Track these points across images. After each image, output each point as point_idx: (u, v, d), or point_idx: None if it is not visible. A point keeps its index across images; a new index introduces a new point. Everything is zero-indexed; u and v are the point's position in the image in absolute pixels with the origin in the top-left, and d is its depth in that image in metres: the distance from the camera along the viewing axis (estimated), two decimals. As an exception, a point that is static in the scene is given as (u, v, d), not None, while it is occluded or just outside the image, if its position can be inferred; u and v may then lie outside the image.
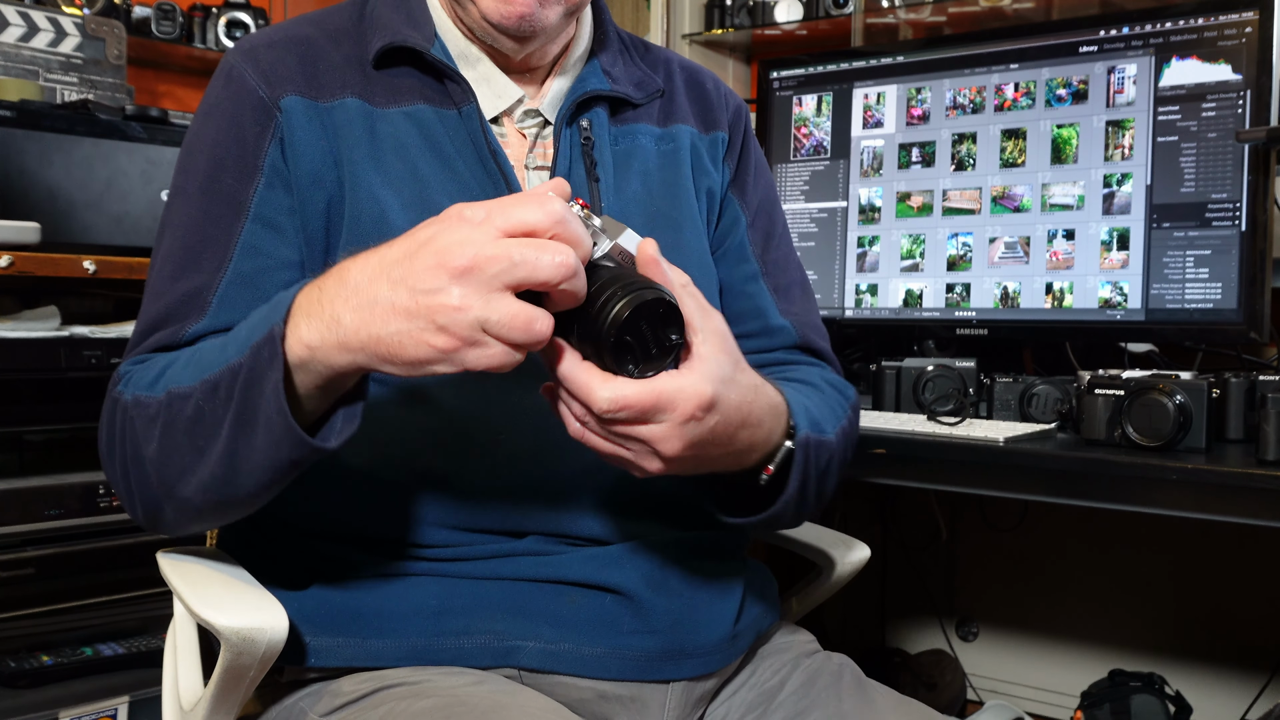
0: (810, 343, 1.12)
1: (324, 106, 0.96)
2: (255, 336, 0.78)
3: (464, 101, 0.99)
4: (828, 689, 0.99)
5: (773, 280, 1.12)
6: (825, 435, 0.96)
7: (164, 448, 0.85)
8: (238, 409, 0.79)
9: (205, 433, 0.82)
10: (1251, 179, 1.50)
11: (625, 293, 0.74)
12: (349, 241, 0.94)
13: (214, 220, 0.94)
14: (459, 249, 0.70)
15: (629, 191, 1.04)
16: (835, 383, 1.09)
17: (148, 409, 0.86)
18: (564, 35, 1.05)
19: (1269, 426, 1.22)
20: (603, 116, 1.05)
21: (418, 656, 0.92)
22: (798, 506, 0.95)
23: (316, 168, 0.95)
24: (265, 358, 0.76)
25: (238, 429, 0.79)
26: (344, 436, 0.80)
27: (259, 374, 0.77)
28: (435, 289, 0.70)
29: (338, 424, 0.81)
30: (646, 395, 0.76)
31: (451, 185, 0.97)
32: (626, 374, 0.76)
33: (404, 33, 0.99)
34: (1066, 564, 2.22)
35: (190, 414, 0.82)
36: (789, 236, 1.18)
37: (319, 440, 0.79)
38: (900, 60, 1.81)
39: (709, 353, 0.80)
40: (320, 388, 0.79)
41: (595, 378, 0.76)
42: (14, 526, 1.60)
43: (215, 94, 0.99)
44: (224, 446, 0.81)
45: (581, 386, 0.76)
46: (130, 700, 1.64)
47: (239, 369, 0.78)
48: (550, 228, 0.72)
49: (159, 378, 0.87)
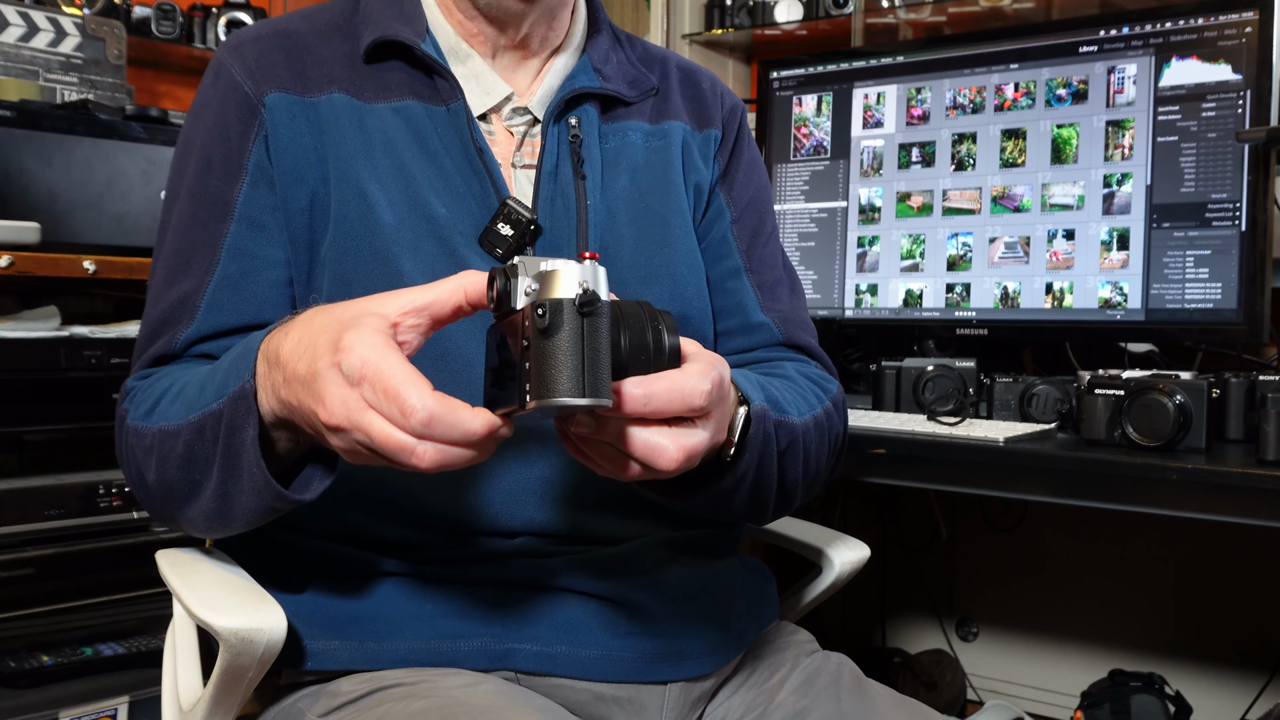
0: (796, 340, 1.10)
1: (310, 102, 0.97)
2: (229, 386, 0.80)
3: (452, 98, 0.99)
4: (827, 689, 0.99)
5: (757, 277, 1.10)
6: (787, 416, 0.93)
7: (162, 479, 0.88)
8: (223, 452, 0.81)
9: (198, 469, 0.84)
10: (1251, 179, 1.50)
11: (646, 319, 0.74)
12: (336, 239, 0.94)
13: (202, 223, 0.96)
14: (334, 408, 0.71)
15: (616, 188, 1.03)
16: (813, 376, 1.07)
17: (144, 439, 0.89)
18: (560, 21, 1.05)
19: (1269, 426, 1.22)
20: (592, 114, 1.04)
21: (415, 659, 0.92)
22: (754, 489, 0.91)
23: (300, 164, 0.95)
24: (241, 411, 0.79)
25: (226, 471, 0.82)
26: (320, 489, 0.83)
27: (238, 425, 0.79)
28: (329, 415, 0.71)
29: (315, 479, 0.83)
30: (713, 372, 0.76)
31: (438, 182, 0.97)
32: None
33: (395, 27, 0.99)
34: (1066, 564, 2.22)
35: (181, 452, 0.85)
36: (778, 238, 1.16)
37: (294, 492, 0.81)
38: (900, 60, 1.81)
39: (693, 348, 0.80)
40: (293, 440, 0.81)
41: (680, 379, 0.74)
42: (14, 526, 1.60)
43: (205, 91, 1.00)
44: (216, 486, 0.83)
45: (679, 392, 0.73)
46: (130, 700, 1.64)
47: (220, 415, 0.80)
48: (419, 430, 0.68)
49: (153, 408, 0.90)
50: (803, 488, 0.98)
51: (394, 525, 0.95)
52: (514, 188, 1.00)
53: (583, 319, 0.67)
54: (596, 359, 0.68)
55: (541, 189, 1.00)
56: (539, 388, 0.67)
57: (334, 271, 0.94)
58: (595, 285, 0.68)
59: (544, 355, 0.67)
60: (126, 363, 1.68)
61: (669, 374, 0.73)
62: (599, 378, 0.68)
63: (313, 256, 0.95)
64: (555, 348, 0.67)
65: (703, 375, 0.74)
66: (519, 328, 0.69)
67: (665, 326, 0.75)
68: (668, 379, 0.73)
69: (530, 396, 0.68)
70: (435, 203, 0.96)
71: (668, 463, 0.73)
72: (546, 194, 1.00)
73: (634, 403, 0.71)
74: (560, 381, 0.67)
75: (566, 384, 0.67)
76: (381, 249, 0.94)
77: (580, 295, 0.67)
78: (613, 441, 0.73)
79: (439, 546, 0.95)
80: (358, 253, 0.94)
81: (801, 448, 0.95)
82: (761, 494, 0.93)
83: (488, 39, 1.02)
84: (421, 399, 0.67)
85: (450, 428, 0.68)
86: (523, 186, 1.01)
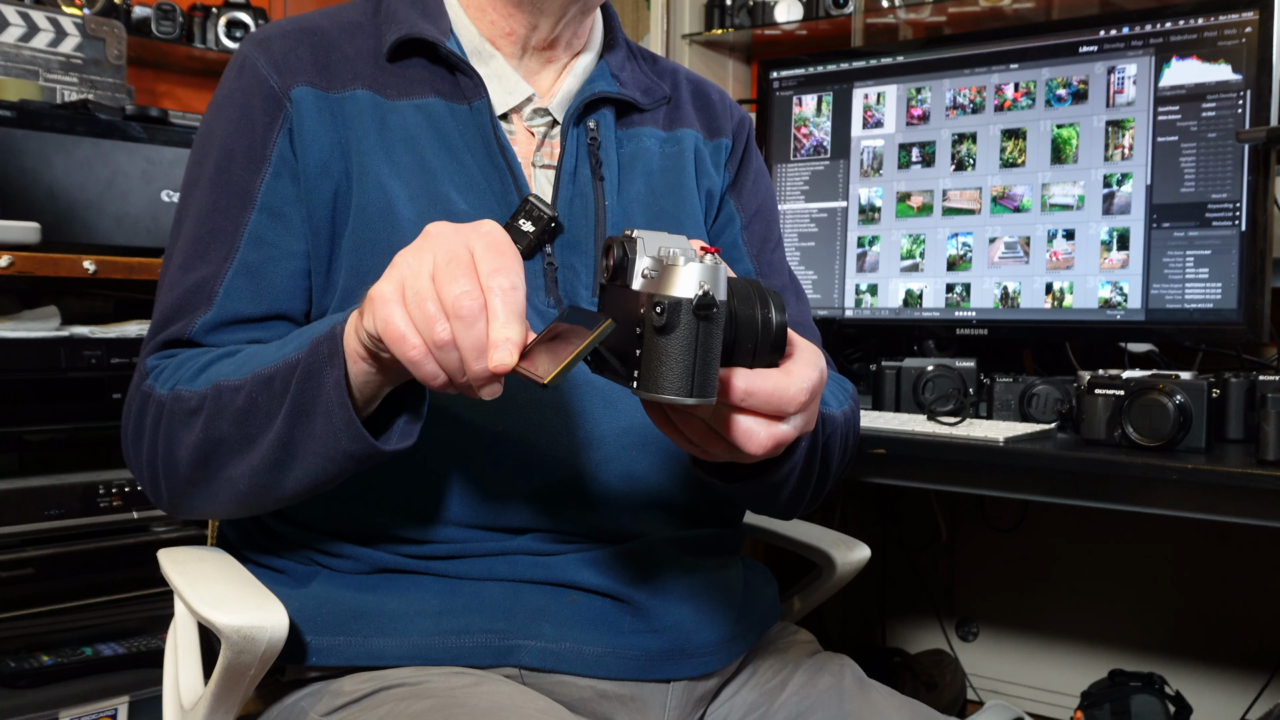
0: None
1: (334, 97, 0.98)
2: (317, 332, 0.80)
3: (475, 96, 1.00)
4: (829, 690, 0.99)
5: (766, 282, 1.12)
6: (829, 409, 0.97)
7: (208, 437, 0.87)
8: (295, 399, 0.81)
9: (257, 422, 0.84)
10: (1251, 179, 1.50)
11: (757, 299, 0.73)
12: (355, 231, 0.95)
13: (223, 211, 0.96)
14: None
15: (632, 191, 1.05)
16: (834, 376, 1.09)
17: (188, 402, 0.88)
18: (586, 26, 1.06)
19: (1269, 426, 1.22)
20: (609, 118, 1.06)
21: (418, 655, 0.92)
22: (801, 478, 0.92)
23: (324, 158, 0.96)
24: (325, 353, 0.79)
25: (294, 419, 0.81)
26: (402, 444, 0.82)
27: (318, 367, 0.79)
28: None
29: (396, 431, 0.83)
30: (815, 373, 0.75)
31: (459, 179, 0.98)
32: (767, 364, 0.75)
33: (420, 26, 1.01)
34: (1066, 564, 2.22)
35: (241, 404, 0.84)
36: (783, 247, 1.19)
37: (380, 441, 0.81)
38: (900, 60, 1.81)
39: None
40: (377, 383, 0.80)
41: (784, 384, 0.74)
42: (14, 526, 1.60)
43: (228, 84, 1.01)
44: (277, 435, 0.83)
45: (779, 396, 0.73)
46: (130, 700, 1.64)
47: (296, 363, 0.81)
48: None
49: (201, 371, 0.89)
50: (833, 478, 1.01)
51: (398, 520, 0.95)
52: (534, 186, 1.02)
53: (699, 322, 0.68)
54: (708, 360, 0.68)
55: (561, 189, 1.01)
56: (647, 380, 0.68)
57: (351, 264, 0.95)
58: (715, 286, 0.68)
59: (657, 351, 0.68)
60: (126, 363, 1.68)
61: (774, 375, 0.74)
62: (707, 379, 0.68)
63: (333, 249, 0.96)
64: (669, 346, 0.68)
65: (804, 376, 0.75)
66: (634, 312, 0.70)
67: (774, 306, 0.74)
68: (773, 381, 0.73)
69: (638, 384, 0.69)
70: (456, 198, 0.97)
71: (757, 447, 0.74)
72: (566, 194, 1.01)
73: (735, 394, 0.72)
74: (670, 380, 0.68)
75: (675, 383, 0.68)
76: (401, 243, 0.93)
77: (699, 297, 0.68)
78: (707, 419, 0.74)
79: (444, 543, 0.95)
80: (376, 246, 0.94)
81: (839, 439, 0.99)
82: (805, 484, 0.95)
83: (518, 39, 1.03)
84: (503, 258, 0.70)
85: (515, 297, 0.70)
86: (543, 186, 1.02)
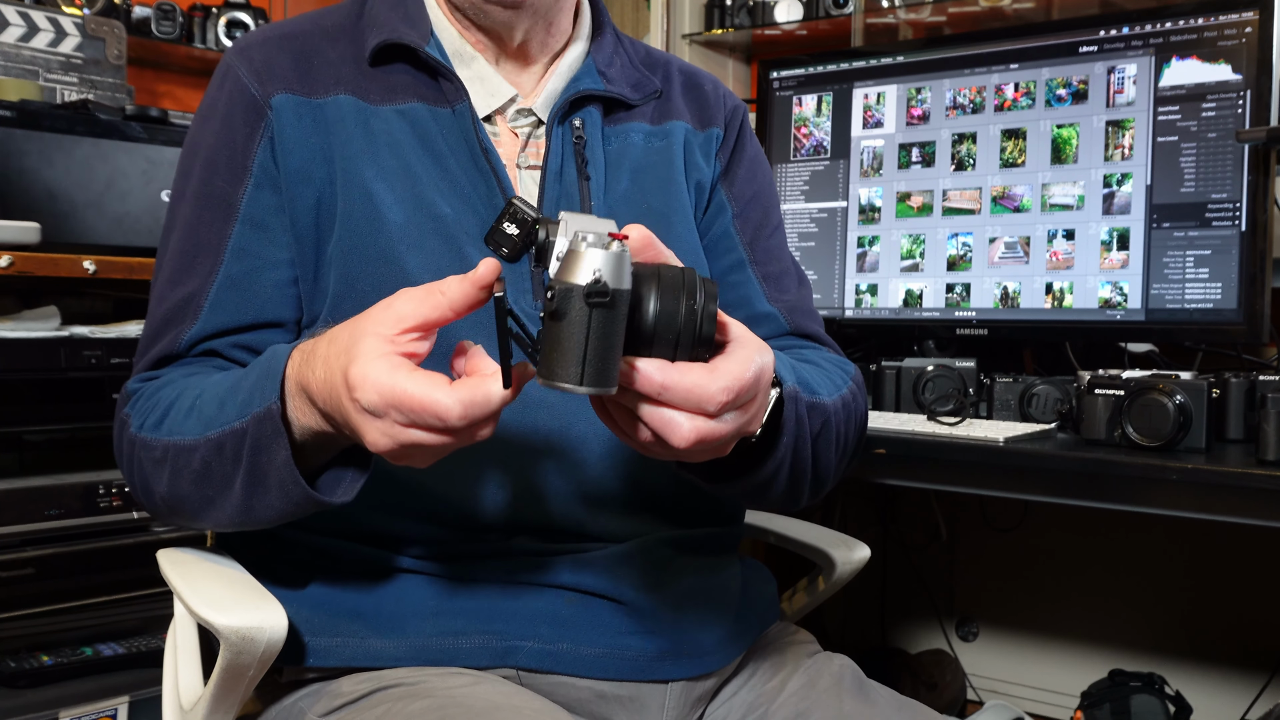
0: (803, 328, 1.10)
1: (316, 103, 0.97)
2: (254, 406, 0.81)
3: (457, 100, 1.00)
4: (829, 690, 0.99)
5: (762, 268, 1.10)
6: (819, 397, 0.93)
7: (175, 491, 0.89)
8: (249, 470, 0.82)
9: (214, 485, 0.85)
10: (1251, 179, 1.50)
11: (685, 290, 0.70)
12: (343, 238, 0.95)
13: (207, 224, 0.96)
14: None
15: (619, 190, 1.04)
16: (834, 360, 1.07)
17: (153, 451, 0.89)
18: (560, 25, 1.05)
19: (1269, 426, 1.22)
20: (596, 116, 1.05)
21: (417, 656, 0.92)
22: (791, 474, 0.90)
23: (306, 164, 0.96)
24: (268, 431, 0.80)
25: (251, 488, 0.83)
26: (353, 490, 0.84)
27: (264, 444, 0.80)
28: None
29: (344, 481, 0.84)
30: (749, 372, 0.74)
31: (444, 183, 0.98)
32: (696, 359, 0.72)
33: (400, 30, 1.00)
34: (1066, 564, 2.22)
35: (197, 468, 0.86)
36: (784, 234, 1.17)
37: (325, 494, 0.83)
38: (900, 60, 1.81)
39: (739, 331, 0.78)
40: (323, 446, 0.83)
41: (705, 382, 0.71)
42: (14, 526, 1.60)
43: (212, 94, 1.01)
44: (239, 499, 0.85)
45: (696, 395, 0.71)
46: (130, 700, 1.64)
47: (243, 434, 0.82)
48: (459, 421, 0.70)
49: (161, 419, 0.90)
50: (835, 469, 0.98)
51: (396, 521, 0.95)
52: (519, 188, 1.01)
53: (591, 309, 0.66)
54: (604, 349, 0.67)
55: (547, 189, 1.00)
56: (544, 366, 0.68)
57: (340, 270, 0.94)
58: (612, 274, 0.66)
59: (551, 337, 0.67)
60: (126, 363, 1.68)
61: (695, 370, 0.71)
62: (601, 368, 0.67)
63: (319, 256, 0.96)
64: (561, 333, 0.67)
65: (730, 374, 0.72)
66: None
67: (706, 296, 0.71)
68: (691, 377, 0.71)
69: (538, 371, 0.69)
70: (440, 202, 0.96)
71: (680, 440, 0.72)
72: (552, 194, 1.00)
73: (649, 386, 0.71)
74: (562, 367, 0.67)
75: (567, 370, 0.67)
76: (387, 248, 0.94)
77: (592, 284, 0.66)
78: (630, 407, 0.73)
79: (441, 543, 0.95)
80: (364, 252, 0.94)
81: (834, 428, 0.95)
82: (798, 477, 0.92)
83: (488, 48, 1.03)
84: (449, 398, 0.69)
85: (485, 406, 0.70)
86: (528, 187, 1.01)
